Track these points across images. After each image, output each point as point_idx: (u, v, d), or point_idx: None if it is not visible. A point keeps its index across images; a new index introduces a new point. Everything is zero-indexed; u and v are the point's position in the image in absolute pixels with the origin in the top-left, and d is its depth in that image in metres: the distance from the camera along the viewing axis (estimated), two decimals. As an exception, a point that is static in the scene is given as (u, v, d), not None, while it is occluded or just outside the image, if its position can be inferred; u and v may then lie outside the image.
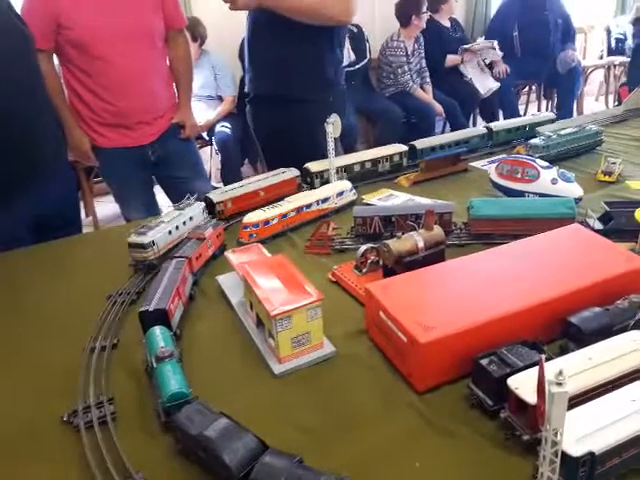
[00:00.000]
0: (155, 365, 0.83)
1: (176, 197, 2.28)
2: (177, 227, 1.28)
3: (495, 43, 4.51)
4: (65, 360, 0.95)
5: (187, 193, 1.32)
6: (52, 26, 1.81)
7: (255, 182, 1.55)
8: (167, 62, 2.16)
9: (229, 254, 1.08)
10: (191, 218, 1.32)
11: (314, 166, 1.66)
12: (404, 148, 1.78)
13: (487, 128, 1.96)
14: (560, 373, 0.47)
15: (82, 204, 3.87)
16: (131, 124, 2.04)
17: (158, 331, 0.89)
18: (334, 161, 1.57)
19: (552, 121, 2.04)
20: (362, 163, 1.70)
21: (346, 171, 1.67)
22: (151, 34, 1.98)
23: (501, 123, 2.05)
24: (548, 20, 4.65)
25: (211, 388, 0.86)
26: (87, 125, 2.03)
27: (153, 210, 2.25)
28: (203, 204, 1.40)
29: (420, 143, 1.84)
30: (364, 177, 1.70)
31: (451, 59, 4.52)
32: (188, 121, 2.22)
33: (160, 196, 2.38)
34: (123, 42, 1.89)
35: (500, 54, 4.55)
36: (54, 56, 1.94)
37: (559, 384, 0.47)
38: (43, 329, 1.07)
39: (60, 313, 1.12)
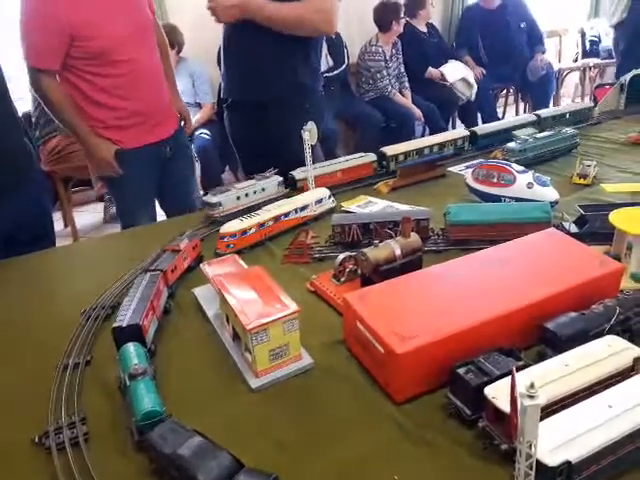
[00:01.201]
0: (128, 383, 0.81)
1: (168, 196, 2.25)
2: (247, 194, 1.49)
3: (463, 70, 4.58)
4: (37, 379, 0.93)
5: (182, 191, 1.33)
6: (65, 41, 1.73)
7: (334, 164, 1.71)
8: None
9: (205, 266, 1.07)
10: (263, 189, 1.53)
11: (389, 150, 1.78)
12: (466, 133, 1.93)
13: (536, 115, 2.07)
14: (532, 386, 0.47)
15: (61, 214, 3.83)
16: (152, 119, 2.00)
17: (132, 347, 0.87)
18: (312, 171, 1.56)
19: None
20: (431, 147, 1.84)
21: (418, 154, 1.80)
22: (150, 23, 1.96)
23: (548, 110, 2.18)
24: (510, 26, 4.72)
25: (186, 405, 0.84)
26: (110, 129, 1.94)
27: (154, 215, 2.20)
28: (280, 178, 1.58)
29: (480, 129, 1.98)
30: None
31: (431, 72, 4.56)
32: (184, 111, 2.21)
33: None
34: (136, 38, 1.87)
35: (471, 74, 4.62)
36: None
37: (531, 397, 0.47)
38: (14, 347, 1.05)
39: (32, 330, 1.10)
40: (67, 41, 1.73)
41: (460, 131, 1.98)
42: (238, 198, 1.48)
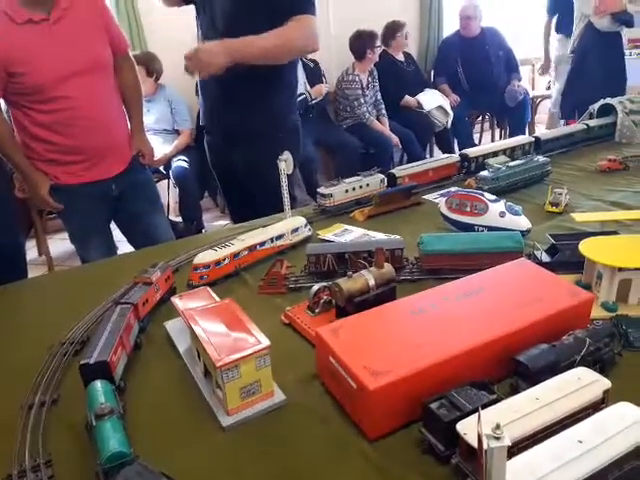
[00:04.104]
0: (95, 423, 0.78)
1: (133, 233, 2.22)
2: (353, 188, 1.73)
3: (439, 98, 4.68)
4: (1, 418, 0.90)
5: (145, 227, 1.29)
6: (0, 77, 1.74)
7: (425, 164, 1.95)
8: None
9: (175, 300, 1.05)
10: (368, 185, 1.76)
11: (471, 152, 2.02)
12: (531, 139, 2.15)
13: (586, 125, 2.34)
14: (497, 427, 0.46)
15: (35, 242, 3.76)
16: (96, 157, 1.97)
17: (99, 385, 0.85)
18: (287, 206, 1.56)
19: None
20: (504, 150, 2.07)
21: (494, 155, 2.03)
22: (103, 64, 1.94)
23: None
24: (489, 54, 4.85)
25: (156, 445, 0.82)
26: (48, 163, 1.94)
27: (111, 248, 2.17)
28: (383, 176, 1.80)
29: (544, 135, 2.24)
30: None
31: (407, 100, 4.64)
32: (146, 147, 2.17)
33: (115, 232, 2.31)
34: (80, 77, 1.84)
35: (447, 102, 4.72)
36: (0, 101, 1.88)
37: (497, 438, 0.46)
38: (-23, 385, 1.01)
39: (-2, 366, 1.06)
40: (2, 76, 1.74)
41: (526, 137, 2.21)
42: (346, 191, 1.72)
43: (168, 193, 4.01)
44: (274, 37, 1.70)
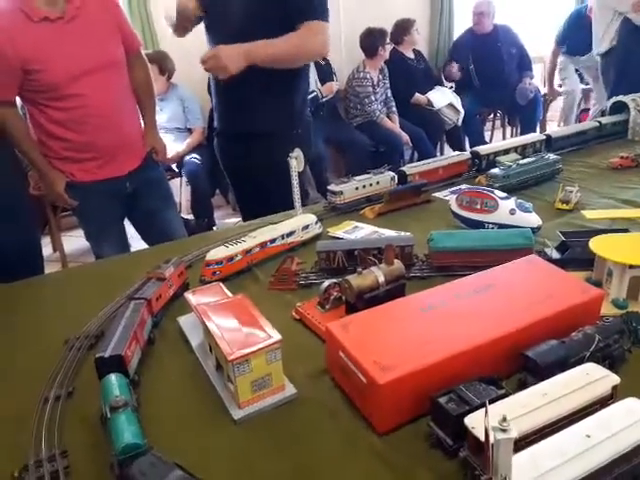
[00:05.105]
0: (109, 415, 0.80)
1: (147, 230, 2.25)
2: (364, 186, 1.73)
3: (449, 96, 4.67)
4: (18, 411, 0.92)
5: (159, 225, 1.31)
6: (17, 75, 1.77)
7: (436, 162, 1.95)
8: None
9: (189, 295, 1.07)
10: (378, 182, 1.76)
11: (482, 150, 2.01)
12: (543, 137, 2.15)
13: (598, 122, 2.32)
14: (504, 419, 0.47)
15: (49, 239, 3.81)
16: (109, 155, 2.00)
17: (114, 379, 0.87)
18: (298, 203, 1.58)
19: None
20: (515, 148, 2.06)
21: (505, 153, 2.00)
22: (116, 62, 1.97)
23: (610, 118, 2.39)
24: (502, 51, 4.84)
25: (169, 437, 0.83)
26: (63, 161, 1.97)
27: (125, 245, 2.20)
28: (393, 174, 1.79)
29: (555, 132, 2.24)
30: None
31: (417, 98, 4.63)
32: (159, 144, 2.20)
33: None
34: (93, 75, 1.87)
35: (457, 99, 4.72)
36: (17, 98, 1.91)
37: (503, 430, 0.47)
38: (-5, 378, 1.04)
39: (14, 360, 1.09)
40: (19, 74, 1.76)
41: (537, 135, 2.21)
42: (357, 189, 1.73)
43: (180, 191, 4.05)
44: (284, 43, 1.72)
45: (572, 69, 5.07)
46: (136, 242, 2.41)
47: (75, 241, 3.86)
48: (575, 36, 4.69)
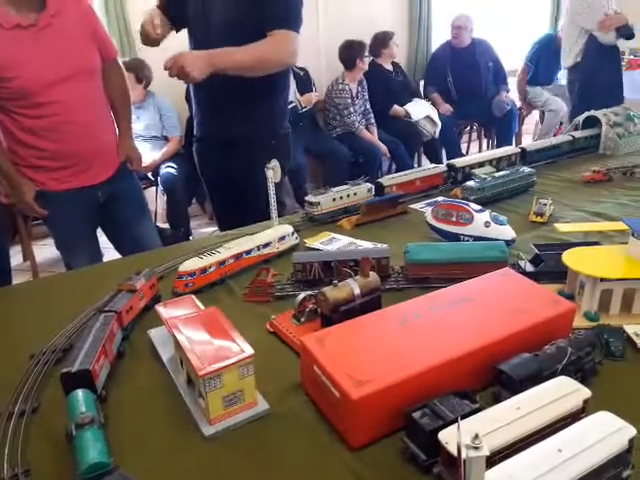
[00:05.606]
0: (75, 432, 0.77)
1: (120, 240, 2.21)
2: (341, 197, 1.74)
3: (427, 108, 4.74)
4: (-20, 428, 0.89)
5: (132, 235, 1.27)
6: None
7: (413, 173, 1.97)
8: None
9: (160, 307, 1.04)
10: (355, 194, 1.76)
11: (458, 162, 2.03)
12: (517, 150, 2.19)
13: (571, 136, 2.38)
14: (476, 437, 0.46)
15: (20, 248, 3.72)
16: (82, 164, 1.95)
17: (80, 394, 0.84)
18: (274, 213, 1.56)
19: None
20: (490, 161, 2.09)
21: (480, 166, 2.03)
22: (92, 69, 1.93)
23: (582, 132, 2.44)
24: (479, 65, 4.93)
25: (137, 455, 0.81)
26: (34, 169, 1.92)
27: (97, 255, 2.16)
28: (370, 185, 1.80)
29: (530, 145, 2.26)
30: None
31: (395, 110, 4.67)
32: (134, 154, 2.15)
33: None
34: (67, 83, 1.83)
35: (434, 112, 4.77)
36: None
37: (475, 448, 0.46)
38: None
39: (-22, 375, 1.05)
40: None
41: (512, 148, 2.27)
42: (334, 200, 1.73)
43: (156, 200, 4.00)
44: (250, 50, 1.72)
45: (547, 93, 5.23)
46: (110, 252, 2.37)
47: (47, 250, 3.77)
48: (544, 61, 4.98)
